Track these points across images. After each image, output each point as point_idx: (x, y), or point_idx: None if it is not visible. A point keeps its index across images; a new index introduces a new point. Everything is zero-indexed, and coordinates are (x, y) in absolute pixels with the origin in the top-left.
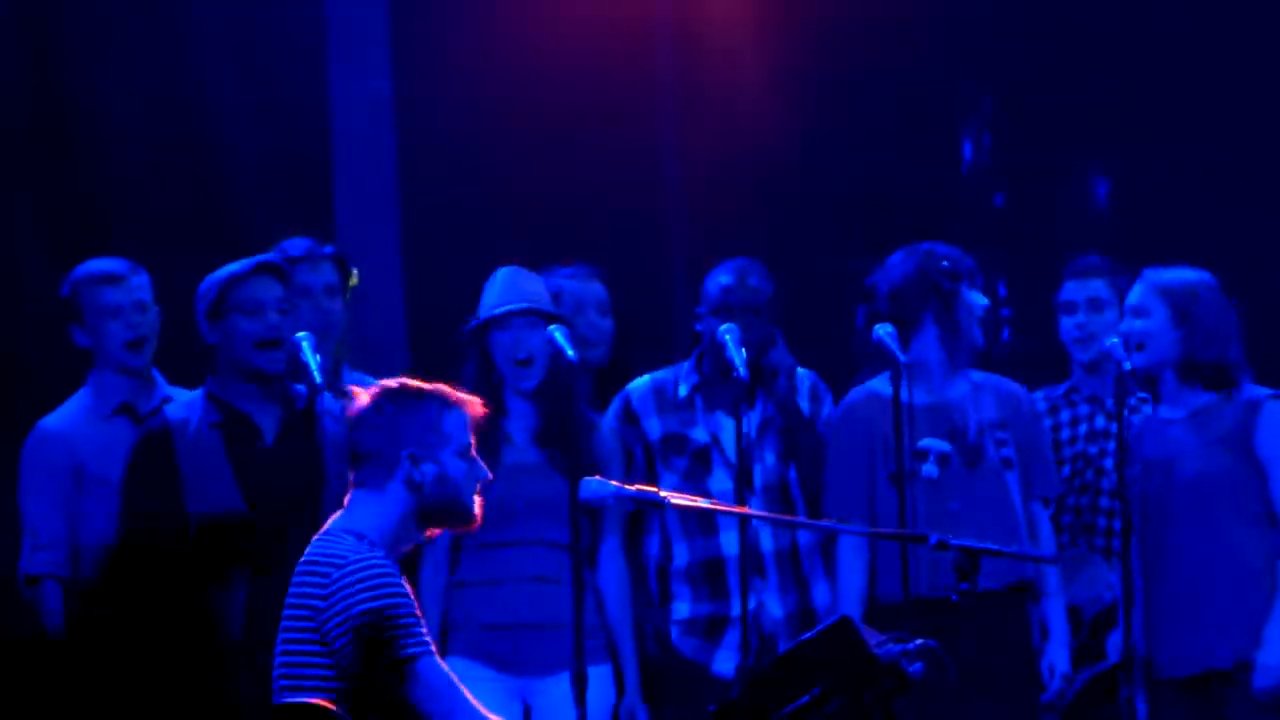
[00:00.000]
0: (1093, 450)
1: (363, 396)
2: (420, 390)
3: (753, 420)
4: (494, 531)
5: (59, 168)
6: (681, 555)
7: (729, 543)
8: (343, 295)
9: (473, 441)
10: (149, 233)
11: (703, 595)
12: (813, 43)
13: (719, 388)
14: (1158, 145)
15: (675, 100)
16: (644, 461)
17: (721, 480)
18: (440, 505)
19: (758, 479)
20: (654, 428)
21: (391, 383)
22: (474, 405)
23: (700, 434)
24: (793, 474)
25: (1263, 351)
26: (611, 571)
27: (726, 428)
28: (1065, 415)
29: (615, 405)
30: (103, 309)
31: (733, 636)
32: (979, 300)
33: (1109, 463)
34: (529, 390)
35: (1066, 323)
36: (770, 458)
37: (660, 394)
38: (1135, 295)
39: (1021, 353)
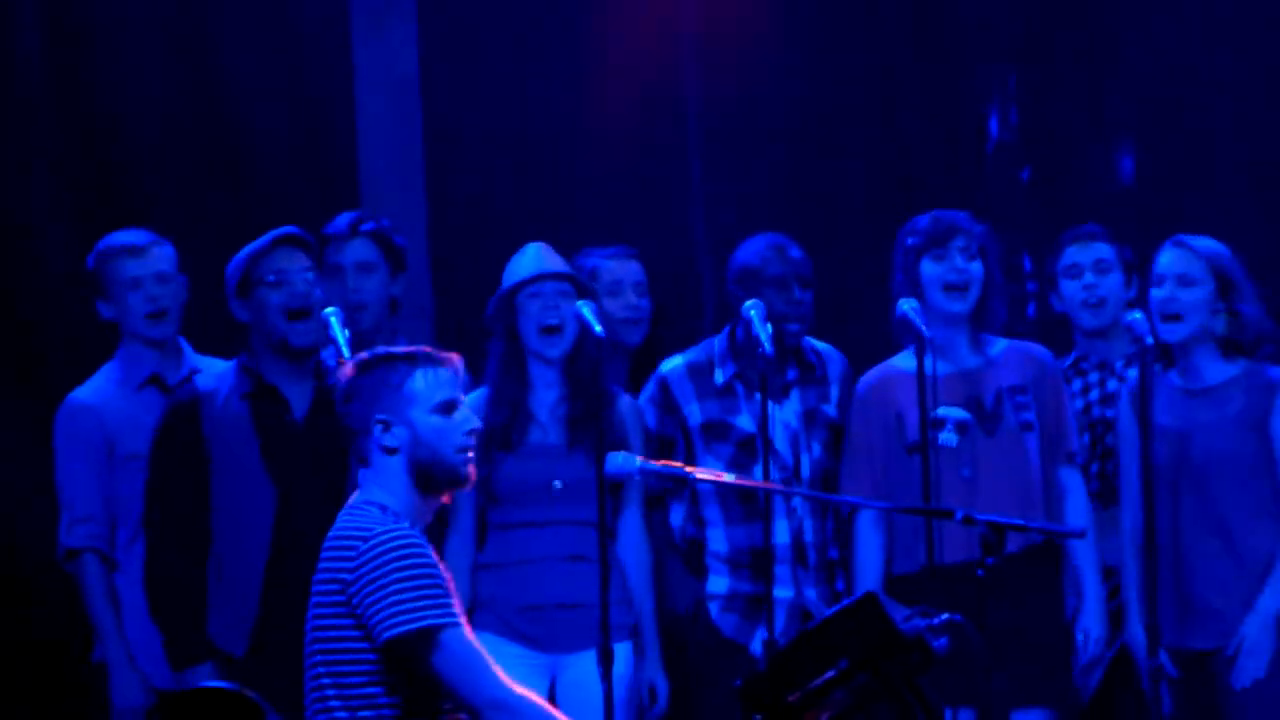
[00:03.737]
0: (1110, 414)
1: (344, 374)
2: (387, 355)
3: (794, 409)
4: (521, 511)
5: (83, 146)
6: (720, 540)
7: (777, 530)
8: (388, 269)
9: (457, 397)
10: (174, 212)
11: (743, 576)
12: (838, 18)
13: (756, 372)
14: (1184, 120)
15: (700, 80)
16: (684, 447)
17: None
18: (424, 466)
19: (805, 469)
20: (694, 413)
21: (364, 354)
22: (452, 360)
23: (745, 422)
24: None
25: None
26: (632, 544)
27: (772, 415)
28: (1077, 384)
29: (651, 390)
30: (124, 281)
31: (776, 619)
32: (937, 272)
33: (1119, 423)
34: (555, 358)
35: (1071, 287)
36: (817, 449)
37: (697, 378)
38: (1181, 263)
39: (1047, 326)
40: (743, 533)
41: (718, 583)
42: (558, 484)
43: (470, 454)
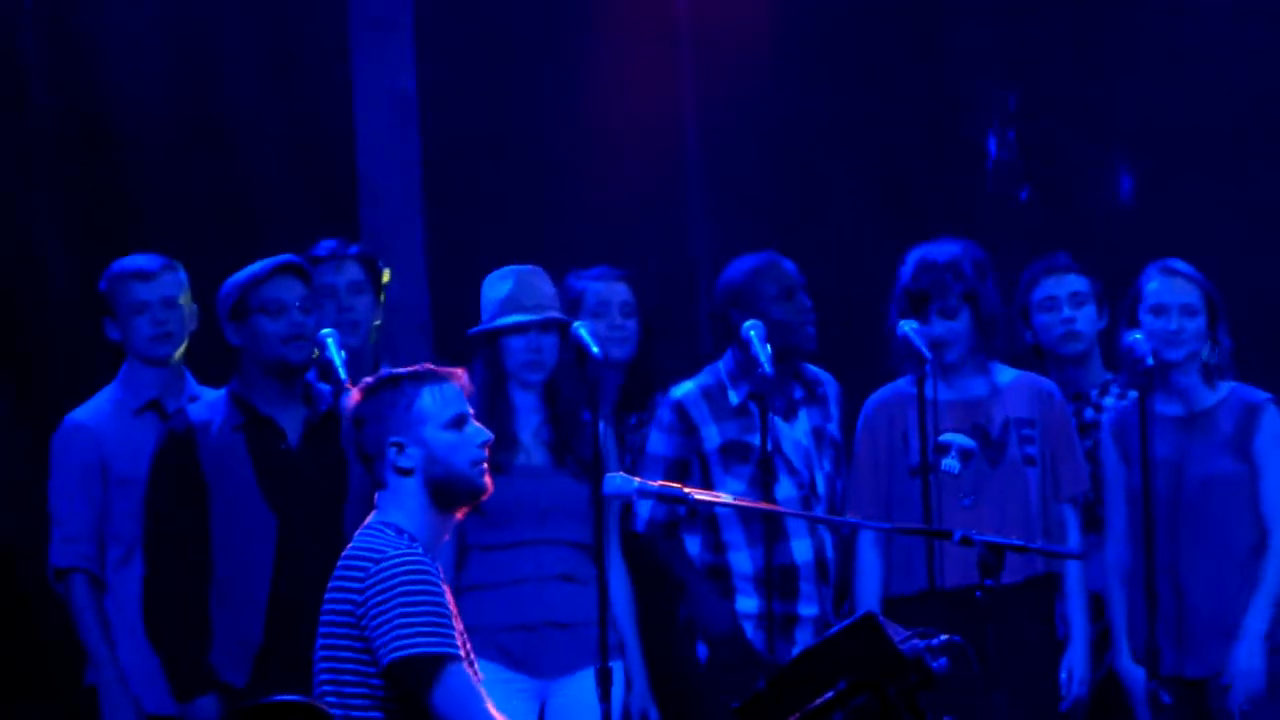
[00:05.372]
0: (1087, 444)
1: (352, 400)
2: (392, 377)
3: (804, 427)
4: (507, 533)
5: (85, 165)
6: (745, 561)
7: (799, 550)
8: (373, 293)
9: (466, 411)
10: (175, 230)
11: (771, 596)
12: (836, 38)
13: (770, 394)
14: (1183, 139)
15: (698, 99)
16: (699, 471)
17: (787, 487)
18: (441, 483)
19: (821, 486)
20: (712, 436)
21: (369, 379)
22: (457, 375)
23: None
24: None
25: None
26: (615, 567)
27: (785, 434)
28: None
29: (666, 416)
30: (131, 304)
31: (804, 636)
32: (920, 328)
33: (1100, 455)
34: (536, 383)
35: (1047, 320)
36: (828, 465)
37: (712, 400)
38: (1182, 292)
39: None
40: (765, 551)
41: (747, 603)
42: (543, 504)
43: (485, 465)
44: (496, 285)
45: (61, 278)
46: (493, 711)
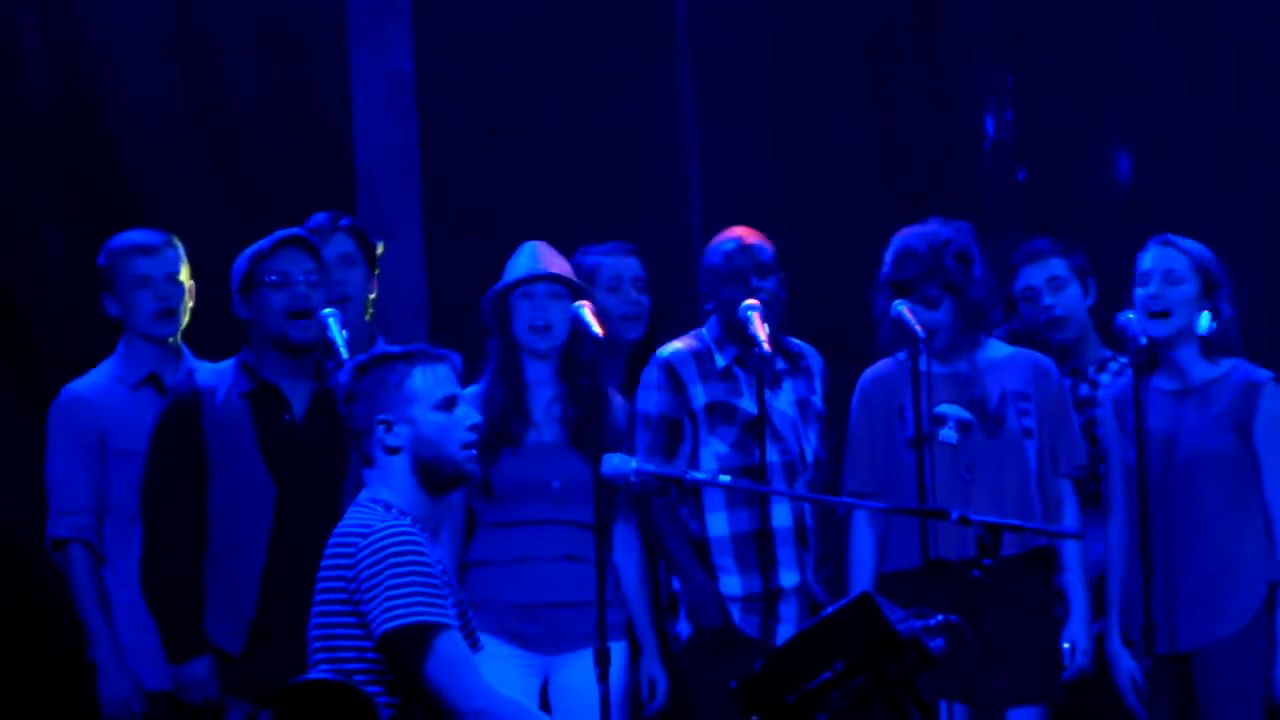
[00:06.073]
0: (1082, 420)
1: (343, 375)
2: (385, 355)
3: (789, 398)
4: (516, 511)
5: (82, 144)
6: (722, 524)
7: (778, 514)
8: (365, 266)
9: (457, 393)
10: (172, 210)
11: (751, 567)
12: (835, 18)
13: (752, 360)
14: (1180, 121)
15: (696, 80)
16: (691, 429)
17: (771, 453)
18: (429, 464)
19: (808, 456)
20: (699, 395)
21: (362, 356)
22: (449, 356)
23: (749, 404)
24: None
25: None
26: (628, 550)
27: (770, 401)
28: None
29: (655, 375)
30: (134, 279)
31: (788, 609)
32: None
33: (1099, 431)
34: (543, 352)
35: (1030, 309)
36: (812, 437)
37: (700, 361)
38: (1166, 260)
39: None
40: (745, 516)
41: (729, 583)
42: (556, 484)
43: (474, 450)
44: (512, 259)
45: (58, 256)
46: (484, 679)
